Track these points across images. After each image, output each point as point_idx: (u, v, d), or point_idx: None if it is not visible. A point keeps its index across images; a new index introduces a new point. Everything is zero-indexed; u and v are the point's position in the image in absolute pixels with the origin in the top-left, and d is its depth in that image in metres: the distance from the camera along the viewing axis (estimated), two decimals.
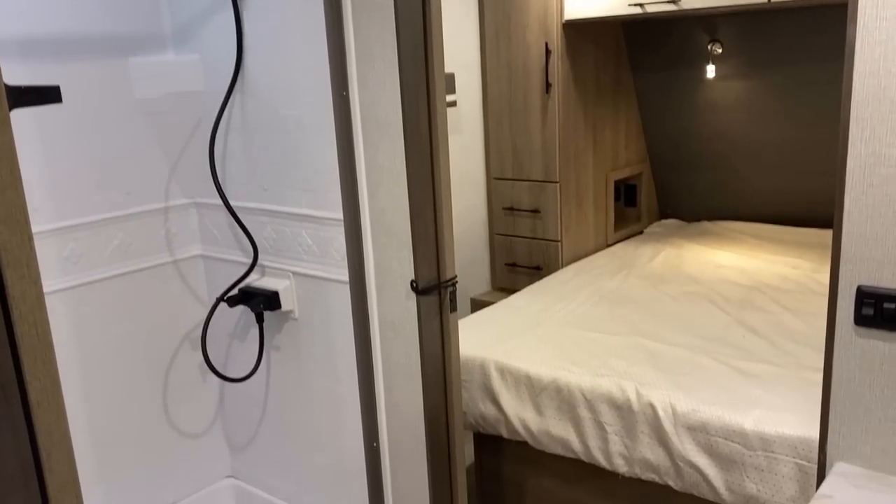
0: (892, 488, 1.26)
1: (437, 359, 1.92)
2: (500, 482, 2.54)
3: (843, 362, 1.29)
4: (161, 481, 2.33)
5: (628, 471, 2.05)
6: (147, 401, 2.26)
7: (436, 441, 1.95)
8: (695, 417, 1.90)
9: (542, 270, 3.35)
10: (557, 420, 2.16)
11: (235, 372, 2.28)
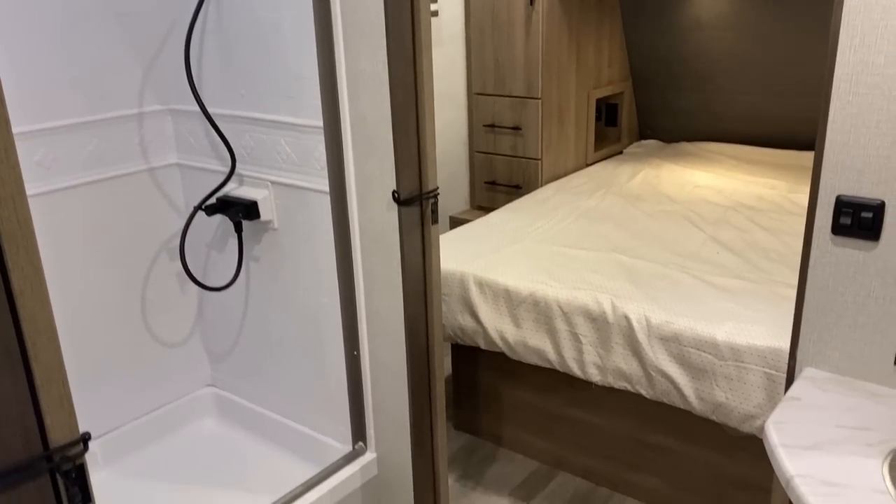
0: (857, 391, 1.31)
1: (418, 270, 1.93)
2: (477, 392, 2.61)
3: (818, 271, 1.32)
4: (141, 389, 2.35)
5: (601, 380, 2.11)
6: (125, 310, 2.26)
7: (415, 350, 1.98)
8: (668, 329, 1.95)
9: (521, 189, 3.35)
10: (534, 332, 2.20)
11: (214, 282, 2.28)
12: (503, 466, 2.52)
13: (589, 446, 2.38)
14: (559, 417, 2.42)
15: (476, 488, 2.41)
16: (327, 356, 2.12)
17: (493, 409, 2.59)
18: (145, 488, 2.20)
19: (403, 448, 2.06)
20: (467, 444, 2.66)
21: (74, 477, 0.88)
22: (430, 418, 2.09)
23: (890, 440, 1.17)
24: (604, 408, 2.30)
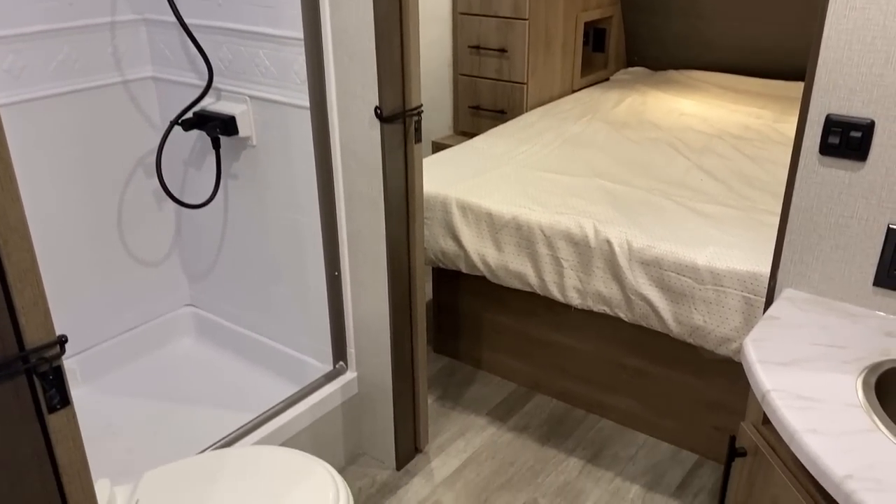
0: (835, 311, 1.32)
1: (401, 190, 1.90)
2: (457, 316, 2.62)
3: (803, 191, 1.32)
4: (118, 308, 2.33)
5: (581, 303, 2.12)
6: (100, 227, 2.22)
7: (397, 271, 1.97)
8: (649, 253, 1.95)
9: (506, 114, 3.29)
10: (516, 256, 2.20)
11: (192, 200, 2.24)
12: (481, 388, 2.56)
13: (566, 369, 2.41)
14: (538, 341, 2.45)
15: (455, 408, 2.45)
16: (308, 276, 2.11)
17: (473, 333, 2.61)
18: (125, 405, 2.21)
19: (384, 368, 2.08)
20: (447, 366, 2.69)
21: (52, 378, 0.87)
22: (411, 338, 2.10)
23: (865, 358, 1.18)
24: (582, 332, 2.32)
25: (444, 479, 2.16)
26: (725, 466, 1.27)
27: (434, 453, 2.26)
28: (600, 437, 2.32)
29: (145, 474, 1.47)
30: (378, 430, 2.17)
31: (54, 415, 0.88)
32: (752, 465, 1.25)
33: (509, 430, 2.35)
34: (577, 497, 2.09)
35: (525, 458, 2.23)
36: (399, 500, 2.08)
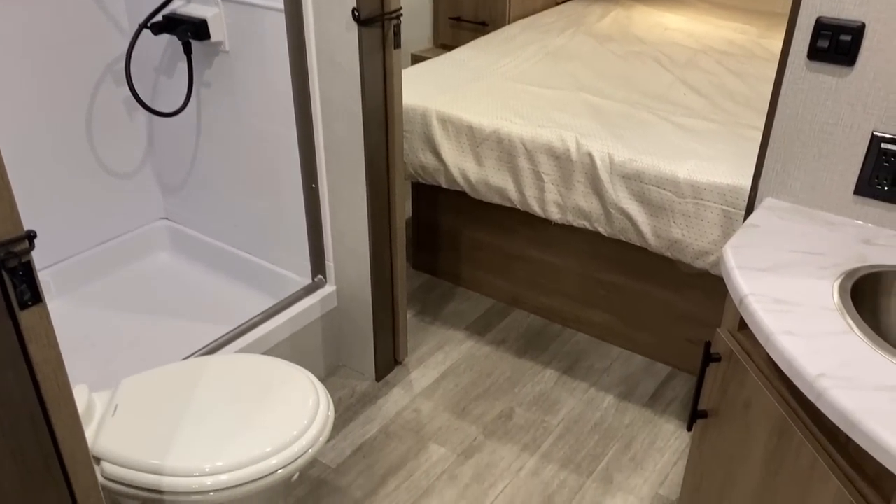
0: (815, 220, 1.32)
1: (379, 97, 1.85)
2: (436, 233, 2.61)
3: (789, 98, 1.30)
4: (91, 220, 2.29)
5: (561, 218, 2.11)
6: (69, 137, 2.15)
7: (376, 183, 1.94)
8: (631, 167, 1.94)
9: (487, 27, 3.20)
10: (496, 170, 2.17)
11: (164, 109, 2.17)
12: (460, 303, 2.57)
13: (544, 285, 2.43)
14: (516, 257, 2.45)
15: (434, 323, 2.47)
16: (284, 188, 2.07)
17: (452, 250, 2.61)
18: (102, 317, 2.20)
19: (363, 281, 2.07)
20: (426, 283, 2.69)
21: (22, 275, 0.84)
22: (390, 251, 2.09)
23: (842, 264, 1.19)
24: (560, 248, 2.33)
25: (422, 389, 2.19)
26: (700, 372, 1.29)
27: (413, 365, 2.28)
28: (576, 350, 2.36)
29: (124, 381, 1.47)
30: (357, 343, 2.19)
31: (26, 312, 0.86)
32: (725, 370, 1.27)
33: (487, 344, 2.38)
34: (552, 406, 2.13)
35: (502, 370, 2.27)
36: (378, 410, 2.11)
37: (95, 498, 1.01)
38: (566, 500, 1.84)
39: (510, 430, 2.05)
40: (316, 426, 1.40)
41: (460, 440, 2.01)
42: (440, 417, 2.08)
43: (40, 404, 0.91)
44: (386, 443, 2.00)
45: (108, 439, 1.33)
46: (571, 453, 1.98)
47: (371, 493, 1.85)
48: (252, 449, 1.31)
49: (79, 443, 0.96)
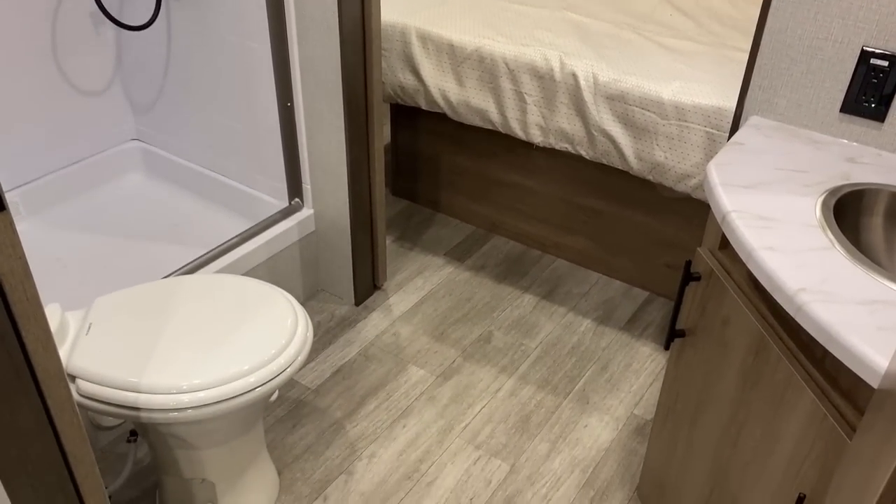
0: (799, 138, 1.31)
1: (356, 11, 1.78)
2: (416, 158, 2.57)
3: (779, 11, 1.26)
4: (59, 141, 2.22)
5: (543, 140, 2.08)
6: (33, 52, 2.05)
7: (353, 102, 1.89)
8: (615, 87, 1.90)
9: None
10: (478, 90, 2.12)
11: (132, 22, 2.08)
12: (439, 230, 2.56)
13: (523, 210, 2.41)
14: (496, 183, 2.42)
15: (413, 249, 2.46)
16: (259, 107, 2.01)
17: (432, 176, 2.57)
18: (73, 239, 2.15)
19: (341, 205, 2.04)
20: (405, 209, 2.66)
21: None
22: (369, 175, 2.05)
23: (825, 182, 1.18)
24: (541, 172, 2.30)
25: (402, 313, 2.19)
26: (679, 291, 1.29)
27: (392, 290, 2.28)
28: (555, 276, 2.36)
29: (97, 300, 1.44)
30: (336, 267, 2.17)
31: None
32: (705, 289, 1.27)
33: (466, 270, 2.37)
34: (530, 330, 2.15)
35: (481, 295, 2.27)
36: (358, 333, 2.11)
37: (70, 412, 0.99)
38: (543, 419, 1.87)
39: (488, 353, 2.06)
40: (294, 345, 1.39)
41: (439, 362, 2.02)
42: (419, 341, 2.09)
43: (8, 316, 0.88)
44: (365, 365, 2.01)
45: (82, 357, 1.31)
46: (549, 375, 2.00)
47: (351, 413, 1.87)
48: (230, 367, 1.31)
49: (51, 356, 0.94)
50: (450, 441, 1.80)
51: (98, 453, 1.71)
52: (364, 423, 1.84)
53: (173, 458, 1.44)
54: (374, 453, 1.77)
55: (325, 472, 1.72)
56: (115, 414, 1.28)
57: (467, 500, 1.67)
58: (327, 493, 1.67)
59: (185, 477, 1.48)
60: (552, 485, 1.71)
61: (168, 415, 1.27)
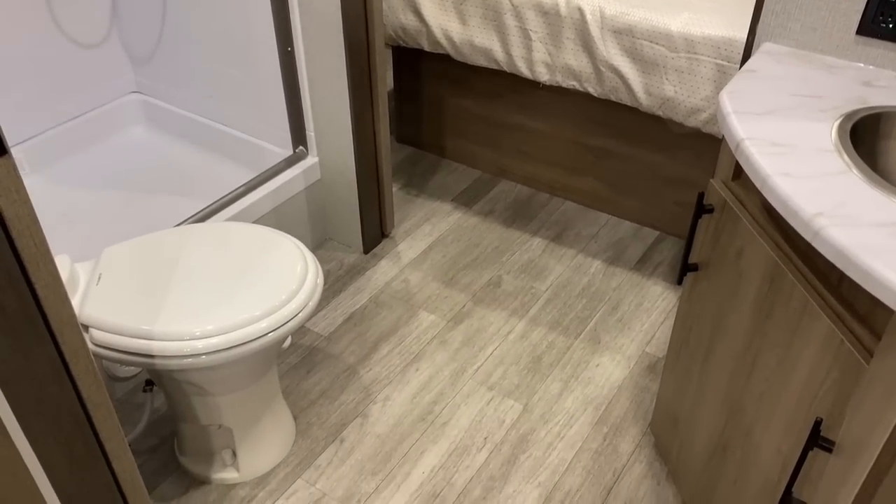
0: (814, 63, 1.27)
1: None
2: (420, 103, 2.53)
3: None
4: (58, 95, 2.19)
5: (550, 79, 2.04)
6: (28, 6, 2.01)
7: (355, 45, 1.85)
8: (622, 20, 1.85)
9: None
10: (482, 29, 2.07)
11: None
12: (446, 176, 2.53)
13: (531, 153, 2.38)
14: (503, 125, 2.39)
15: (419, 195, 2.44)
16: (259, 54, 1.97)
17: (436, 120, 2.54)
18: (79, 194, 2.14)
19: (346, 152, 2.02)
20: (410, 156, 2.64)
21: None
22: (373, 120, 2.02)
23: (841, 107, 1.15)
24: (548, 113, 2.27)
25: (411, 260, 2.18)
26: (692, 224, 1.28)
27: (400, 238, 2.27)
28: (564, 218, 2.35)
29: (106, 250, 1.44)
30: (343, 216, 2.16)
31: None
32: (718, 220, 1.25)
33: (474, 215, 2.36)
34: (540, 273, 2.14)
35: (490, 240, 2.26)
36: (367, 281, 2.11)
37: (84, 357, 1.00)
38: (555, 360, 1.88)
39: (498, 297, 2.06)
40: (305, 291, 1.38)
41: (449, 307, 2.02)
42: (429, 287, 2.09)
43: (18, 263, 0.88)
44: (376, 311, 2.01)
45: (94, 307, 1.31)
46: (559, 317, 2.00)
47: (364, 359, 1.88)
48: (241, 312, 1.30)
49: (62, 302, 0.94)
50: (462, 383, 1.81)
51: (115, 404, 1.72)
52: (377, 368, 1.85)
53: (190, 405, 1.45)
54: (388, 396, 1.78)
55: (341, 415, 1.74)
56: (129, 362, 1.29)
57: (481, 440, 1.68)
58: (343, 436, 1.69)
59: (202, 424, 1.49)
60: (565, 422, 1.72)
61: (182, 361, 1.27)
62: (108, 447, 1.08)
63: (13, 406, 0.91)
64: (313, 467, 1.63)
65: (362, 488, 1.59)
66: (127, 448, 1.12)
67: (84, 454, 1.05)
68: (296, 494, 1.57)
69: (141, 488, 1.18)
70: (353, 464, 1.63)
